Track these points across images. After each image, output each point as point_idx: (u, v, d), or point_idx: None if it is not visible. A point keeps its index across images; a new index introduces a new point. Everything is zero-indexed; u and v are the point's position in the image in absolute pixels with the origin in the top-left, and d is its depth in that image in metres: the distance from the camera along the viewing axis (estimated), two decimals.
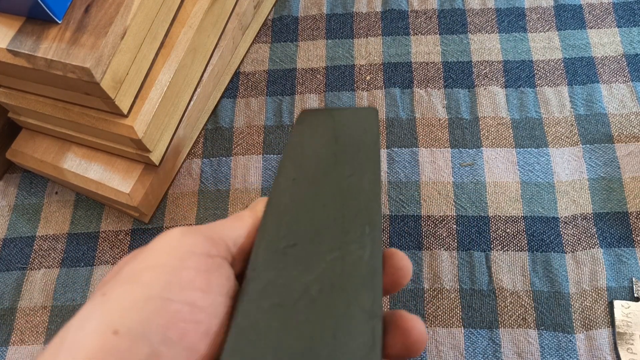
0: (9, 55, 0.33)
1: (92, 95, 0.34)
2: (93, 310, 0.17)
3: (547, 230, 0.41)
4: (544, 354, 0.37)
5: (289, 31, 0.51)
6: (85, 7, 0.33)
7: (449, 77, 0.47)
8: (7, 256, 0.43)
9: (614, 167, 0.42)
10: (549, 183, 0.42)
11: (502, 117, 0.45)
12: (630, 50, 0.47)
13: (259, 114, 0.47)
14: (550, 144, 0.44)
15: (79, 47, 0.32)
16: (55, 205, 0.45)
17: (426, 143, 0.44)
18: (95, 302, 0.17)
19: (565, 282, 0.39)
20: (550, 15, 0.49)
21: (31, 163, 0.43)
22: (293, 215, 0.22)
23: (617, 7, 0.49)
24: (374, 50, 0.49)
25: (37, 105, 0.39)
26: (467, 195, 0.42)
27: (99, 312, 0.17)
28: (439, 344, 0.38)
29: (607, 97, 0.45)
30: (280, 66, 0.49)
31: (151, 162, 0.40)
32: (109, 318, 0.16)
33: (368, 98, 0.47)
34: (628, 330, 0.37)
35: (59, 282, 0.41)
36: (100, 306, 0.17)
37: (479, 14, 0.50)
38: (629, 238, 0.40)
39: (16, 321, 0.40)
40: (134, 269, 0.18)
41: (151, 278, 0.17)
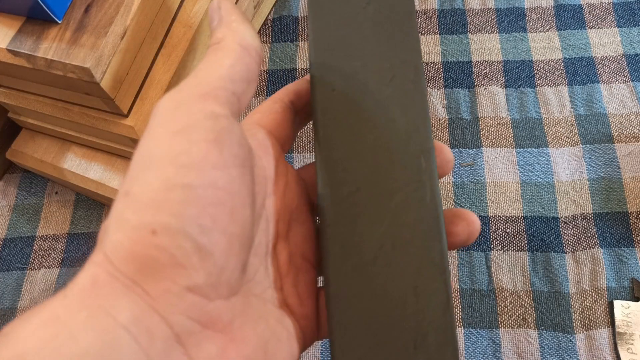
0: (9, 55, 0.33)
1: (92, 95, 0.34)
2: (123, 214, 0.16)
3: (547, 230, 0.41)
4: (544, 354, 0.37)
5: (289, 31, 0.51)
6: (85, 7, 0.33)
7: (449, 77, 0.47)
8: (7, 256, 0.43)
9: (614, 167, 0.43)
10: (549, 183, 0.42)
11: (502, 117, 0.45)
12: (630, 50, 0.47)
13: None
14: (550, 144, 0.44)
15: (79, 47, 0.32)
16: (55, 205, 0.45)
17: None
18: (121, 204, 0.16)
19: (565, 282, 0.39)
20: (550, 15, 0.49)
21: (31, 163, 0.43)
22: (346, 150, 0.21)
23: (617, 7, 0.49)
24: None
25: (37, 105, 0.39)
26: (467, 195, 0.42)
27: (130, 215, 0.16)
28: None
29: (607, 97, 0.45)
30: (280, 66, 0.49)
31: None
32: (142, 219, 0.16)
33: None
34: (628, 330, 0.37)
35: (59, 282, 0.41)
36: (128, 208, 0.16)
37: (479, 14, 0.50)
38: (629, 238, 0.40)
39: None
40: (143, 156, 0.17)
41: (163, 162, 0.16)
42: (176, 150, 0.16)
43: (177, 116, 0.17)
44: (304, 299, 0.21)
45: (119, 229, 0.16)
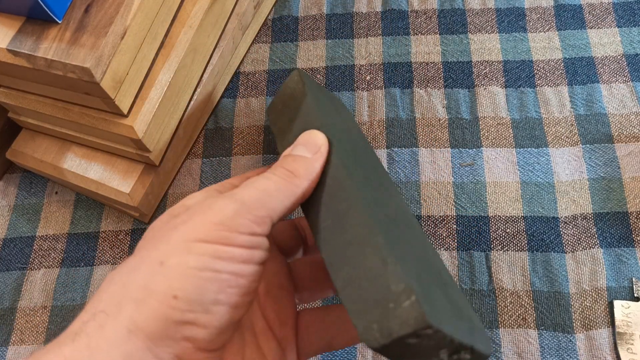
0: (9, 55, 0.33)
1: (92, 95, 0.34)
2: (154, 277, 0.20)
3: (547, 230, 0.41)
4: (544, 354, 0.37)
5: (289, 31, 0.51)
6: (85, 7, 0.33)
7: (449, 77, 0.47)
8: (7, 256, 0.43)
9: (614, 167, 0.43)
10: (549, 183, 0.42)
11: (502, 117, 0.45)
12: (630, 50, 0.47)
13: (259, 114, 0.47)
14: (550, 144, 0.44)
15: (79, 47, 0.32)
16: (55, 205, 0.45)
17: (426, 143, 0.45)
18: (155, 270, 0.20)
19: (565, 282, 0.39)
20: (550, 15, 0.49)
21: (31, 163, 0.43)
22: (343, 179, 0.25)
23: (617, 7, 0.49)
24: (374, 50, 0.49)
25: (37, 105, 0.39)
26: (467, 195, 0.42)
27: (161, 279, 0.20)
28: None
29: (607, 97, 0.45)
30: (280, 66, 0.49)
31: (151, 162, 0.40)
32: (169, 285, 0.20)
33: (368, 98, 0.47)
34: (628, 330, 0.37)
35: (59, 282, 0.41)
36: (161, 275, 0.20)
37: (479, 14, 0.50)
38: (629, 238, 0.40)
39: (16, 321, 0.40)
40: (186, 239, 0.21)
41: (203, 250, 0.20)
42: (218, 246, 0.21)
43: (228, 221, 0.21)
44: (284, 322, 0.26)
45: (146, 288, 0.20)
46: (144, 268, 0.21)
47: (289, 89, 0.31)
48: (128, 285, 0.20)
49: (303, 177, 0.24)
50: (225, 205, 0.22)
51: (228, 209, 0.21)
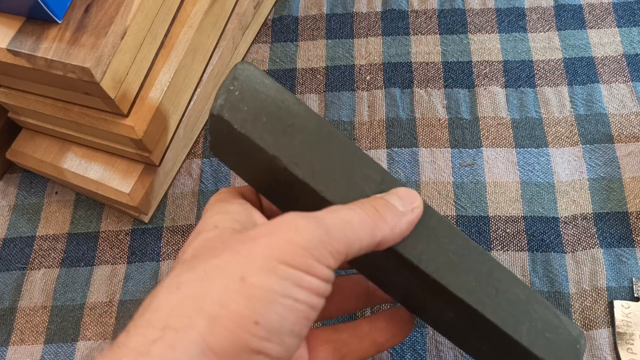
0: (9, 55, 0.33)
1: (92, 95, 0.34)
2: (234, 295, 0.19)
3: (547, 230, 0.41)
4: None
5: (289, 31, 0.51)
6: (85, 7, 0.33)
7: (449, 77, 0.47)
8: (7, 256, 0.43)
9: (614, 167, 0.43)
10: (549, 183, 0.42)
11: (502, 117, 0.45)
12: (630, 50, 0.47)
13: None
14: (550, 144, 0.44)
15: (79, 47, 0.32)
16: (55, 205, 0.45)
17: (426, 143, 0.45)
18: (235, 286, 0.19)
19: (565, 282, 0.39)
20: (550, 15, 0.49)
21: (31, 163, 0.43)
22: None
23: (617, 7, 0.49)
24: (374, 50, 0.49)
25: (37, 105, 0.39)
26: (467, 195, 0.42)
27: (242, 300, 0.19)
28: (439, 344, 0.38)
29: (607, 97, 0.45)
30: (280, 66, 0.49)
31: (151, 162, 0.40)
32: (252, 308, 0.18)
33: (368, 98, 0.47)
34: (628, 330, 0.37)
35: (59, 282, 0.41)
36: (242, 294, 0.19)
37: (479, 14, 0.50)
38: (629, 238, 0.40)
39: (16, 321, 0.40)
40: (270, 256, 0.19)
41: (288, 275, 0.19)
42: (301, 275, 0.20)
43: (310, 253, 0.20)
44: None
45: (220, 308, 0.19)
46: (221, 280, 0.19)
47: (221, 135, 0.26)
48: (200, 297, 0.18)
49: (389, 223, 0.23)
50: (311, 230, 0.20)
51: (314, 234, 0.20)
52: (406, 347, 0.38)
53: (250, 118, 0.24)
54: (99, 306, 0.40)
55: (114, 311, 0.40)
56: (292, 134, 0.25)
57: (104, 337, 0.39)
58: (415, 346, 0.37)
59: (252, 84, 0.25)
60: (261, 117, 0.24)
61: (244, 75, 0.25)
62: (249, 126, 0.24)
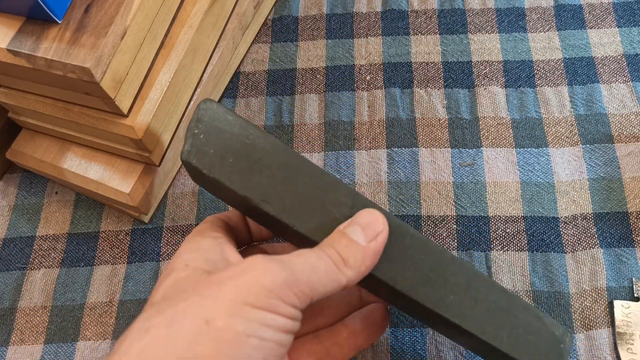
0: (9, 55, 0.33)
1: (92, 95, 0.34)
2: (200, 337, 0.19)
3: (547, 230, 0.41)
4: None
5: (289, 31, 0.51)
6: (85, 7, 0.33)
7: (449, 77, 0.47)
8: (7, 256, 0.43)
9: (614, 167, 0.43)
10: (549, 183, 0.42)
11: (502, 117, 0.45)
12: (630, 50, 0.47)
13: (259, 114, 0.47)
14: (550, 144, 0.44)
15: (79, 47, 0.32)
16: (55, 205, 0.45)
17: (426, 143, 0.45)
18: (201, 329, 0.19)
19: (565, 282, 0.39)
20: (550, 15, 0.49)
21: (31, 163, 0.43)
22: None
23: (617, 7, 0.49)
24: (374, 50, 0.49)
25: (37, 105, 0.39)
26: (467, 195, 0.42)
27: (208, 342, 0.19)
28: (438, 344, 0.38)
29: (607, 97, 0.45)
30: (280, 66, 0.49)
31: (151, 162, 0.40)
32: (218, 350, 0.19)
33: (368, 98, 0.47)
34: (628, 330, 0.37)
35: (59, 282, 0.41)
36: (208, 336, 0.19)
37: (479, 14, 0.50)
38: (629, 238, 0.40)
39: (16, 321, 0.40)
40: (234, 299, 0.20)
41: (252, 316, 0.20)
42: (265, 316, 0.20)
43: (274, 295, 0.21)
44: None
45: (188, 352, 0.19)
46: (187, 324, 0.19)
47: (194, 176, 0.28)
48: (168, 341, 0.19)
49: (352, 266, 0.23)
50: (277, 272, 0.21)
51: (279, 276, 0.21)
52: (406, 347, 0.38)
53: (217, 161, 0.25)
54: (99, 306, 0.40)
55: (114, 311, 0.40)
56: (260, 170, 0.25)
57: (104, 337, 0.39)
58: (415, 346, 0.37)
59: (216, 124, 0.26)
60: (227, 157, 0.25)
61: (207, 115, 0.26)
62: (217, 169, 0.25)
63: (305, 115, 0.47)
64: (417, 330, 0.38)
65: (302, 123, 0.46)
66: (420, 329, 0.38)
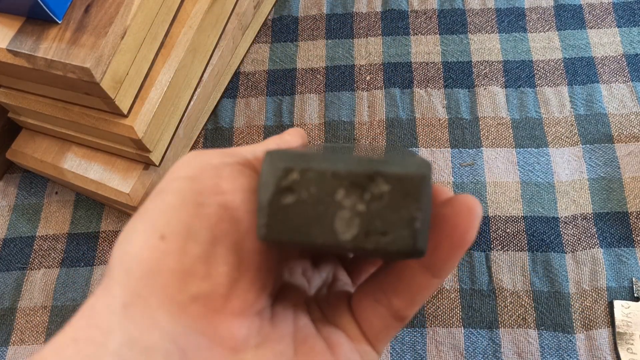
0: (9, 55, 0.33)
1: (92, 95, 0.34)
2: (133, 226, 0.17)
3: (547, 230, 0.41)
4: (544, 354, 0.37)
5: (289, 31, 0.51)
6: (85, 7, 0.33)
7: (449, 77, 0.47)
8: (7, 256, 0.43)
9: (614, 167, 0.42)
10: (549, 183, 0.42)
11: (502, 117, 0.45)
12: (630, 50, 0.47)
13: (259, 114, 0.47)
14: (550, 144, 0.44)
15: (79, 47, 0.32)
16: (55, 205, 0.45)
17: (426, 143, 0.44)
18: (133, 220, 0.17)
19: (565, 282, 0.39)
20: (550, 15, 0.49)
21: (31, 163, 0.43)
22: None
23: (617, 7, 0.49)
24: (374, 50, 0.49)
25: (37, 105, 0.39)
26: None
27: (139, 224, 0.17)
28: (439, 344, 0.38)
29: (607, 97, 0.45)
30: (280, 66, 0.49)
31: (151, 162, 0.40)
32: (152, 225, 0.16)
33: (368, 98, 0.47)
34: (628, 330, 0.37)
35: (59, 282, 0.41)
36: (139, 220, 0.17)
37: (479, 14, 0.50)
38: (629, 238, 0.40)
39: (16, 321, 0.40)
40: (161, 186, 0.18)
41: (179, 186, 0.17)
42: (191, 180, 0.17)
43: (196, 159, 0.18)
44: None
45: (127, 237, 0.16)
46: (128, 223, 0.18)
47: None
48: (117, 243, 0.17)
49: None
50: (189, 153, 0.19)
51: (190, 153, 0.19)
52: (406, 347, 0.38)
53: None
54: None
55: None
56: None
57: None
58: (415, 346, 0.37)
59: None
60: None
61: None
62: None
63: (305, 115, 0.47)
64: (417, 330, 0.38)
65: (302, 123, 0.46)
66: (421, 329, 0.38)
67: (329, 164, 0.15)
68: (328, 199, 0.15)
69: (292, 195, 0.15)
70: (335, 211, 0.15)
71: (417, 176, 0.15)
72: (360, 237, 0.15)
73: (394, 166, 0.15)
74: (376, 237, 0.15)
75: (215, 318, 0.16)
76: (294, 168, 0.15)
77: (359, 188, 0.15)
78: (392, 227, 0.15)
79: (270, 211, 0.15)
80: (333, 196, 0.15)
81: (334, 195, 0.15)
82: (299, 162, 0.16)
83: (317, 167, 0.15)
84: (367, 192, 0.15)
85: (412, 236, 0.15)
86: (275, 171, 0.15)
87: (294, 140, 0.22)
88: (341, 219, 0.15)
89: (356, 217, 0.15)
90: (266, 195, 0.16)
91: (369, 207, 0.15)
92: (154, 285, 0.16)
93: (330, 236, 0.15)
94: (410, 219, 0.15)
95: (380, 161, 0.16)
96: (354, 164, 0.15)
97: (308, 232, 0.15)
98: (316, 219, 0.15)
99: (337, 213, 0.15)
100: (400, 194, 0.15)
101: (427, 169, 0.15)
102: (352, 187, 0.15)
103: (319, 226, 0.15)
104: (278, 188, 0.15)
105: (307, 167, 0.15)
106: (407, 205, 0.15)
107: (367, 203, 0.15)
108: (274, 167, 0.16)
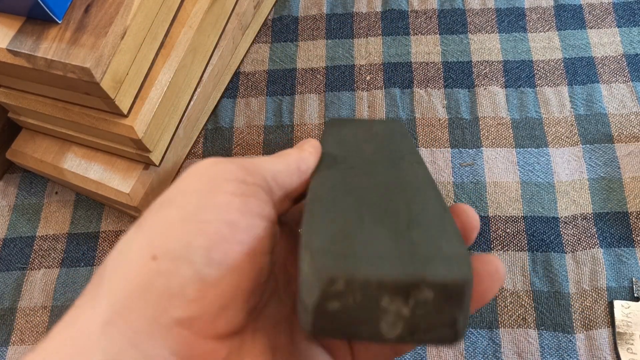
0: (9, 55, 0.33)
1: (92, 95, 0.34)
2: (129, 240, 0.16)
3: (547, 230, 0.41)
4: (544, 354, 0.37)
5: (289, 31, 0.51)
6: (85, 7, 0.33)
7: (449, 77, 0.47)
8: (7, 256, 0.43)
9: (614, 167, 0.43)
10: (549, 183, 0.42)
11: (502, 117, 0.45)
12: (630, 50, 0.47)
13: (259, 114, 0.47)
14: (550, 144, 0.44)
15: (79, 47, 0.32)
16: (55, 205, 0.45)
17: (426, 143, 0.45)
18: (131, 232, 0.17)
19: (565, 282, 0.39)
20: (550, 15, 0.49)
21: (31, 163, 0.43)
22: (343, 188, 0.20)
23: (617, 7, 0.49)
24: (374, 50, 0.49)
25: (37, 105, 0.39)
26: (467, 195, 0.42)
27: (135, 240, 0.16)
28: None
29: (607, 97, 0.45)
30: (280, 66, 0.49)
31: (151, 162, 0.40)
32: (146, 244, 0.16)
33: (368, 98, 0.47)
34: (628, 330, 0.37)
35: (59, 282, 0.41)
36: (136, 234, 0.16)
37: (479, 14, 0.50)
38: (629, 238, 0.40)
39: (16, 321, 0.40)
40: (167, 196, 0.17)
41: (185, 201, 0.17)
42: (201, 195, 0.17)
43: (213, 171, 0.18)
44: None
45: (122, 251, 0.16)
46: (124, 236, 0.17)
47: None
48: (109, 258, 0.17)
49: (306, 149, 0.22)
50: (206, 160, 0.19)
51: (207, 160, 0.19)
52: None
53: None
54: None
55: None
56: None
57: None
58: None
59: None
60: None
61: None
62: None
63: (305, 115, 0.47)
64: None
65: (302, 123, 0.46)
66: None
67: (373, 269, 0.15)
68: (373, 305, 0.15)
69: (337, 302, 0.15)
70: (380, 315, 0.15)
71: (461, 283, 0.15)
72: (405, 335, 0.16)
73: (438, 269, 0.15)
74: (419, 335, 0.16)
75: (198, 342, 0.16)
76: (339, 277, 0.15)
77: (403, 294, 0.15)
78: (435, 327, 0.16)
79: (317, 314, 0.16)
80: (378, 303, 0.15)
81: (379, 302, 0.15)
82: (343, 267, 0.15)
83: (361, 276, 0.15)
84: (412, 298, 0.15)
85: (454, 333, 0.16)
86: (320, 276, 0.15)
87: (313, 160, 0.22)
88: (386, 322, 0.16)
89: (400, 320, 0.15)
90: (311, 297, 0.16)
91: (413, 311, 0.15)
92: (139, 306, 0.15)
93: (375, 335, 0.16)
94: (453, 321, 0.15)
95: (424, 260, 0.16)
96: (397, 269, 0.16)
97: (354, 332, 0.16)
98: (361, 322, 0.16)
99: (382, 317, 0.15)
100: (444, 298, 0.15)
101: (468, 269, 0.16)
102: (396, 294, 0.15)
103: (364, 327, 0.16)
104: (324, 294, 0.15)
105: (352, 277, 0.15)
106: (451, 310, 0.15)
107: (411, 308, 0.15)
108: (317, 272, 0.15)
